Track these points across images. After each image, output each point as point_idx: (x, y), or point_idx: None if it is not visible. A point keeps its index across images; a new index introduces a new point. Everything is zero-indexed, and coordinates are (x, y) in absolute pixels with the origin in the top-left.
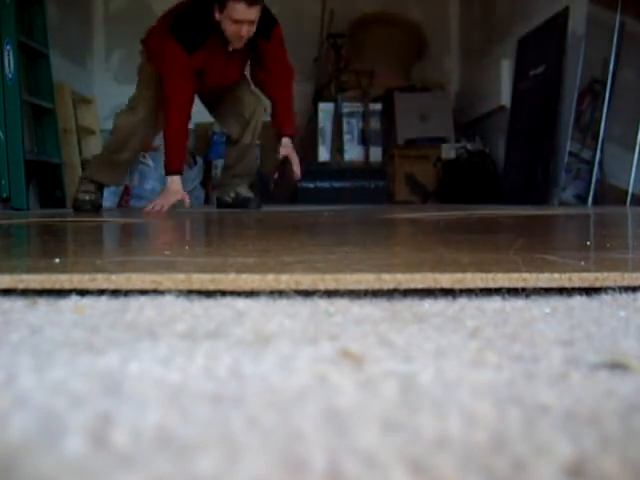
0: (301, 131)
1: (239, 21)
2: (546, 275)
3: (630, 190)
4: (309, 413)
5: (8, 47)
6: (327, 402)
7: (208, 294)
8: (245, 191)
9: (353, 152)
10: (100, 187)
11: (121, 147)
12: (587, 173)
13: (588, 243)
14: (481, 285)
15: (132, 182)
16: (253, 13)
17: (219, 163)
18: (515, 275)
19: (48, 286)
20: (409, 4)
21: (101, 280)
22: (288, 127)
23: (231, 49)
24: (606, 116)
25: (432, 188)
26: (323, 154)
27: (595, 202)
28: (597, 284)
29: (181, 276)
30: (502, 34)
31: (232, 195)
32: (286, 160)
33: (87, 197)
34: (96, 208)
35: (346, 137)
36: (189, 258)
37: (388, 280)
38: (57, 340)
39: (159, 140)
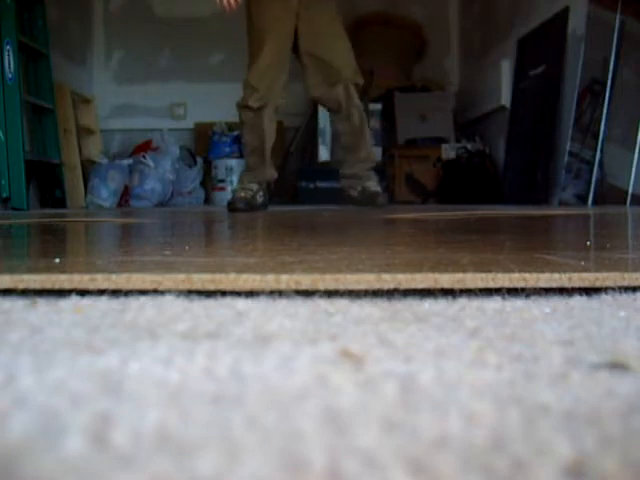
0: (301, 131)
1: None
2: (546, 275)
3: (630, 190)
4: (309, 413)
5: (8, 47)
6: (327, 402)
7: (208, 294)
8: (374, 185)
9: None
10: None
11: None
12: (587, 173)
13: (588, 243)
14: (481, 285)
15: (132, 182)
16: None
17: (219, 163)
18: (515, 275)
19: (48, 286)
20: (409, 4)
21: (101, 280)
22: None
23: None
24: (606, 116)
25: (432, 188)
26: (323, 154)
27: (595, 202)
28: (597, 284)
29: (181, 276)
30: (502, 34)
31: (359, 189)
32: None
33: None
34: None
35: None
36: (189, 258)
37: (388, 280)
38: (57, 340)
39: (159, 141)
